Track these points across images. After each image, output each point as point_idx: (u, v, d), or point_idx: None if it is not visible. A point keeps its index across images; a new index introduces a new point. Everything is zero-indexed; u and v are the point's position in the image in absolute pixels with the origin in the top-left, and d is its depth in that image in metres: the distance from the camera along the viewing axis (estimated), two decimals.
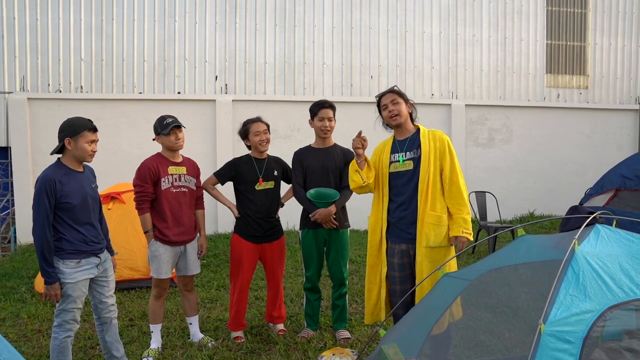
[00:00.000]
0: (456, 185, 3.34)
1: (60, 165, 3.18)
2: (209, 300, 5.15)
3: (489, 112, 9.53)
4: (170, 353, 3.88)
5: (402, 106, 3.45)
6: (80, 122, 3.17)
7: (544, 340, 2.06)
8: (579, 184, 9.06)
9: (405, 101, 3.50)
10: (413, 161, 3.40)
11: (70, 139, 3.14)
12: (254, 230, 4.04)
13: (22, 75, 8.17)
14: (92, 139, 3.17)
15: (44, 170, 3.14)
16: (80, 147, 3.14)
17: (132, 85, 8.47)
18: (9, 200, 8.38)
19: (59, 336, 3.14)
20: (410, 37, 9.32)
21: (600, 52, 10.05)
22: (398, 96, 3.47)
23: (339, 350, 3.38)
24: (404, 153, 3.45)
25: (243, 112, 8.58)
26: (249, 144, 4.15)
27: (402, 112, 3.45)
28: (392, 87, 3.58)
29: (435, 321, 3.06)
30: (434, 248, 3.33)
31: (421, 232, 3.34)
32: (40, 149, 8.04)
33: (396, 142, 3.53)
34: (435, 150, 3.36)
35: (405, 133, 3.50)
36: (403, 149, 3.47)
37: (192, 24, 8.60)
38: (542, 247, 2.83)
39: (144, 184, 3.72)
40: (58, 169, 3.15)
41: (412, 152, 3.42)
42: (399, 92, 3.52)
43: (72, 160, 3.19)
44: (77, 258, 3.14)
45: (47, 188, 3.04)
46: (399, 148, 3.49)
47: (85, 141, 3.14)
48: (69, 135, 3.14)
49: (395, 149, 3.50)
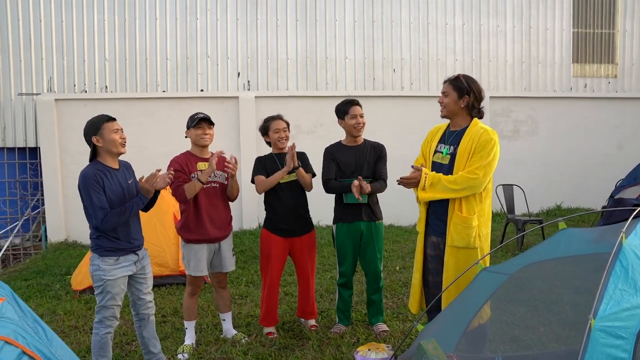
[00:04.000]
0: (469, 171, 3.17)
1: (96, 163, 3.23)
2: (239, 297, 5.19)
3: (514, 104, 9.38)
4: (205, 349, 3.91)
5: (450, 99, 3.30)
6: (97, 118, 3.25)
7: (594, 336, 2.02)
8: (607, 176, 8.86)
9: (460, 95, 3.30)
10: (451, 157, 3.32)
11: (96, 137, 3.19)
12: (282, 224, 4.04)
13: (49, 77, 8.31)
14: (114, 128, 3.22)
15: (83, 170, 3.20)
16: (108, 139, 3.19)
17: (155, 84, 8.56)
18: (39, 200, 8.54)
19: (99, 332, 3.19)
20: (432, 30, 9.21)
21: (630, 39, 9.79)
22: (451, 88, 3.31)
23: (374, 345, 3.37)
24: (449, 146, 3.36)
25: (266, 108, 8.60)
26: (268, 140, 4.16)
27: (448, 106, 3.31)
28: (452, 77, 3.39)
29: (472, 316, 3.03)
30: (460, 248, 3.24)
31: (449, 230, 3.29)
32: (68, 149, 8.18)
33: (447, 131, 3.43)
34: (470, 150, 3.23)
35: (456, 125, 3.38)
36: (449, 141, 3.37)
37: (214, 21, 8.64)
38: (583, 240, 2.78)
39: (177, 173, 3.68)
40: (95, 167, 3.19)
41: (454, 147, 3.33)
42: (454, 83, 3.32)
43: (106, 156, 3.24)
44: (115, 255, 3.19)
45: (92, 180, 3.10)
46: (447, 139, 3.40)
47: (110, 132, 3.19)
48: (93, 134, 3.20)
49: (444, 139, 3.42)
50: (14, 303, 1.74)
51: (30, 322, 1.77)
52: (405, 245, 7.14)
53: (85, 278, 5.37)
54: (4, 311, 1.68)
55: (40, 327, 1.81)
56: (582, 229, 2.80)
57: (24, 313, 1.77)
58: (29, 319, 1.77)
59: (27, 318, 1.77)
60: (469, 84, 3.31)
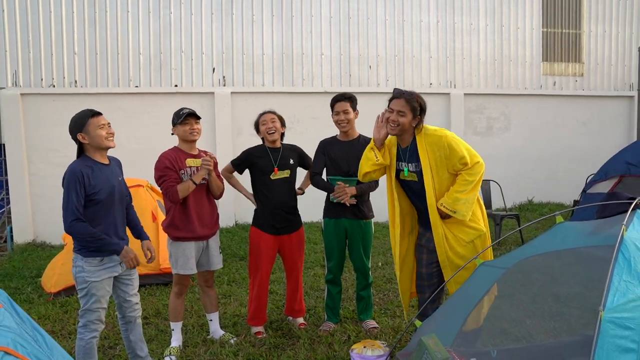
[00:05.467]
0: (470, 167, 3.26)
1: (85, 158, 3.08)
2: (222, 296, 5.07)
3: (487, 101, 9.55)
4: (193, 351, 3.80)
5: (406, 119, 3.24)
6: (82, 114, 3.11)
7: (604, 327, 2.04)
8: (577, 170, 9.13)
9: (414, 115, 3.26)
10: (416, 174, 3.34)
11: (81, 134, 3.05)
12: (273, 221, 3.97)
13: (14, 70, 7.92)
14: (100, 123, 3.07)
15: (71, 164, 3.04)
16: (93, 136, 3.05)
17: (127, 79, 8.28)
18: (4, 199, 8.16)
19: (84, 337, 3.05)
20: (407, 27, 9.25)
21: (595, 39, 10.11)
22: (409, 108, 3.24)
23: (370, 343, 3.34)
24: (408, 164, 3.38)
25: (242, 104, 8.47)
26: (261, 135, 4.09)
27: (403, 125, 3.25)
28: (408, 93, 3.31)
29: (470, 310, 3.04)
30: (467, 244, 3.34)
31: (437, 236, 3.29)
32: (35, 146, 7.84)
33: (400, 149, 3.44)
34: (435, 160, 3.26)
35: (404, 142, 3.39)
36: (406, 158, 3.39)
37: (188, 15, 8.42)
38: (579, 233, 2.82)
39: (167, 172, 3.60)
40: (84, 162, 3.05)
41: (414, 165, 3.35)
42: (412, 104, 3.25)
43: (94, 152, 3.10)
44: (99, 256, 3.05)
45: (76, 180, 2.95)
46: (402, 157, 3.42)
47: (95, 128, 3.05)
48: (78, 131, 3.06)
49: (400, 157, 3.44)
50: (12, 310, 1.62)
51: (29, 330, 1.65)
52: (384, 242, 7.15)
53: (59, 280, 5.14)
54: (1, 319, 1.56)
55: (40, 335, 1.69)
56: (578, 222, 2.84)
57: (22, 320, 1.65)
58: (27, 326, 1.66)
59: (25, 325, 1.65)
60: (421, 106, 3.30)
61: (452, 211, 3.19)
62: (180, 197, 3.57)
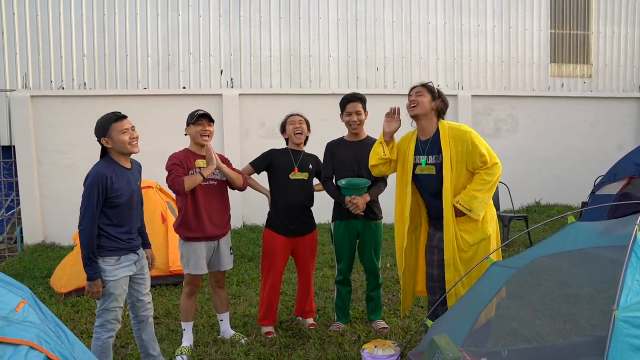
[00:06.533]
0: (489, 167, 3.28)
1: (109, 161, 3.11)
2: (231, 297, 5.09)
3: (495, 103, 9.54)
4: (204, 350, 3.83)
5: (425, 99, 3.39)
6: (106, 118, 3.11)
7: (618, 327, 2.04)
8: (584, 172, 9.11)
9: (433, 97, 3.42)
10: (435, 167, 3.36)
11: (105, 138, 3.07)
12: (287, 223, 3.99)
13: (24, 73, 8.00)
14: (123, 128, 3.08)
15: (95, 166, 3.07)
16: (116, 141, 3.07)
17: (136, 81, 8.34)
18: (14, 200, 8.23)
19: (101, 336, 3.08)
20: (415, 29, 9.27)
21: (604, 41, 10.08)
22: (425, 90, 3.44)
23: (380, 342, 3.35)
24: (427, 156, 3.40)
25: (250, 106, 8.51)
26: (286, 136, 4.13)
27: (422, 104, 3.37)
28: (425, 82, 3.52)
29: (481, 310, 3.04)
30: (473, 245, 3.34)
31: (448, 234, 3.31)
32: (45, 148, 7.90)
33: (419, 142, 3.47)
34: (457, 154, 3.30)
35: (426, 133, 3.44)
36: (425, 151, 3.42)
37: (196, 17, 8.48)
38: (591, 233, 2.82)
39: (175, 167, 3.62)
40: (108, 164, 3.08)
41: (434, 157, 3.38)
42: (428, 87, 3.46)
43: (117, 155, 3.13)
44: (116, 255, 3.08)
45: (99, 183, 2.97)
46: (421, 150, 3.44)
47: (118, 133, 3.06)
48: (102, 135, 3.08)
49: (418, 150, 3.46)
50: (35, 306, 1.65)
51: (52, 326, 1.68)
52: (392, 243, 7.14)
53: (70, 280, 5.19)
54: (26, 315, 1.59)
55: (62, 331, 1.72)
56: (590, 222, 2.84)
57: (45, 316, 1.67)
58: (50, 322, 1.68)
59: (48, 321, 1.68)
60: (438, 91, 3.48)
61: (468, 209, 3.21)
62: (186, 188, 3.55)
